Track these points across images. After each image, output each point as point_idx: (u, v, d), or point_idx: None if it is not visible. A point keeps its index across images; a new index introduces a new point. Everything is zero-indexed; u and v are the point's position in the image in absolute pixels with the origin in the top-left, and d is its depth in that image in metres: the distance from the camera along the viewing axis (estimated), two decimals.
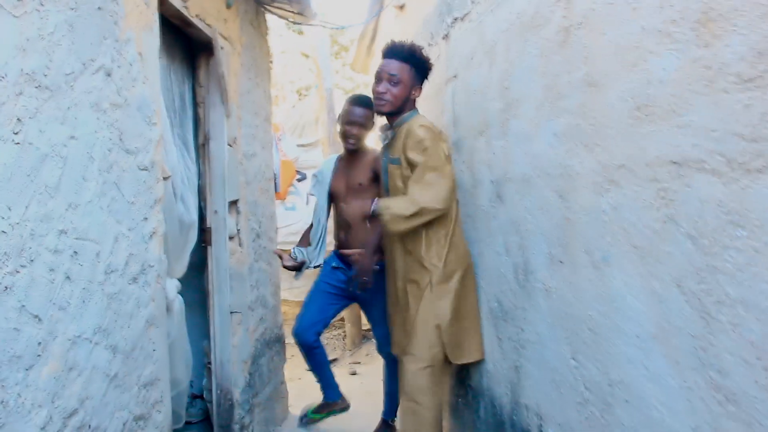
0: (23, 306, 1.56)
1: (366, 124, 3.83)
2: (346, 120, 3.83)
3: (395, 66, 3.15)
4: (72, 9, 1.85)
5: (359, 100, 3.85)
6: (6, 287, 1.50)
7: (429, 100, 4.33)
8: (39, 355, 1.62)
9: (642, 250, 1.83)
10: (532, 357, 2.63)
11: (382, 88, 3.16)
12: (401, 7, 5.10)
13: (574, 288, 2.23)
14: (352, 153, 3.92)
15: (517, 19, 2.66)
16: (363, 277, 3.39)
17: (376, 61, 7.69)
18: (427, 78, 3.32)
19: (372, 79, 3.34)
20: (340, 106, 8.61)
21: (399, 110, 3.22)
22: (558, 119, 2.30)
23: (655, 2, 1.71)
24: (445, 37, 3.78)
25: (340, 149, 4.54)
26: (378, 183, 3.68)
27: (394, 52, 3.19)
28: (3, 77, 1.53)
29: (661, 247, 1.72)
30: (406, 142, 3.08)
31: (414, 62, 3.19)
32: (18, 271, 1.55)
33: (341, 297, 3.94)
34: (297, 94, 9.34)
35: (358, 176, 3.86)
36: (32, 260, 1.61)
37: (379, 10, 5.46)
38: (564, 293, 2.31)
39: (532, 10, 2.48)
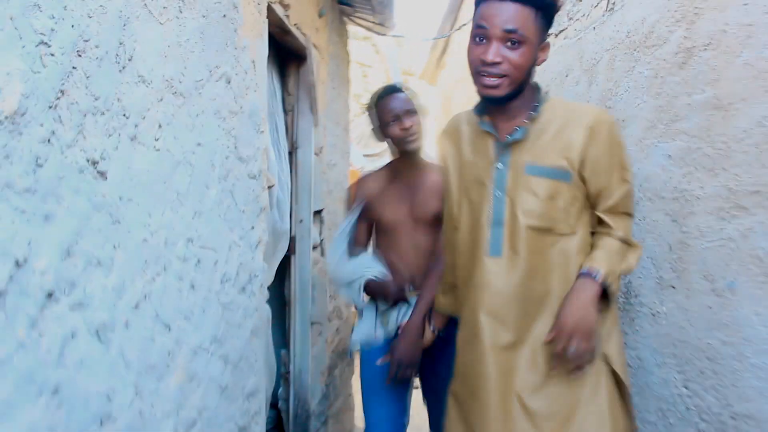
0: (158, 315, 1.56)
1: (419, 112, 2.68)
2: (393, 114, 2.61)
3: (513, 13, 1.73)
4: (204, 16, 1.86)
5: (393, 88, 2.71)
6: (145, 295, 1.50)
7: None
8: (168, 365, 1.61)
9: None
10: (633, 383, 2.55)
11: (493, 55, 1.73)
12: None
13: (688, 314, 2.15)
14: (409, 160, 2.72)
15: (627, 37, 2.59)
16: (405, 368, 2.51)
17: (448, 72, 7.65)
18: (551, 25, 1.88)
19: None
20: None
21: (520, 89, 1.82)
22: (673, 141, 2.23)
23: None
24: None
25: None
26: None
27: None
28: (150, 83, 1.53)
29: None
30: (588, 150, 1.82)
31: (543, 5, 1.78)
32: (154, 280, 1.55)
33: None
34: (358, 104, 9.36)
35: (429, 202, 2.68)
36: (165, 268, 1.61)
37: (461, 24, 5.43)
38: (675, 319, 2.23)
39: (646, 29, 2.42)
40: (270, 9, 2.64)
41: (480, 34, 1.77)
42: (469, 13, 5.67)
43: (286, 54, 3.39)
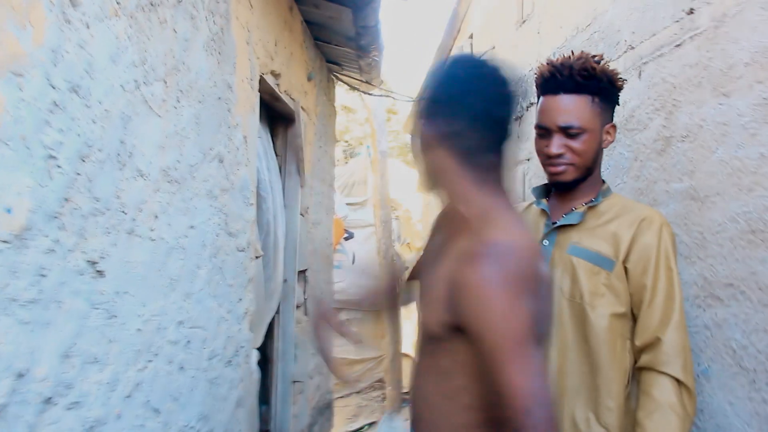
0: (148, 401, 1.58)
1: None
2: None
3: (567, 106, 1.76)
4: (200, 102, 1.92)
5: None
6: (137, 384, 1.53)
7: None
8: None
9: (749, 372, 1.81)
10: None
11: (556, 147, 1.77)
12: None
13: None
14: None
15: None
16: None
17: None
18: (617, 104, 1.88)
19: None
20: (391, 168, 8.63)
21: (588, 174, 1.83)
22: None
23: None
24: (518, 118, 3.83)
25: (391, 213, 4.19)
26: None
27: (561, 83, 1.78)
28: (147, 176, 1.58)
29: None
30: (636, 241, 1.74)
31: (600, 90, 1.78)
32: (146, 367, 1.58)
33: None
34: (344, 150, 9.46)
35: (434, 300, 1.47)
36: (157, 354, 1.64)
37: None
38: None
39: (627, 113, 2.51)
40: (262, 80, 2.71)
41: (541, 133, 1.84)
42: None
43: (275, 117, 3.46)
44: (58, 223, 1.20)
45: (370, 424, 6.46)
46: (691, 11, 2.12)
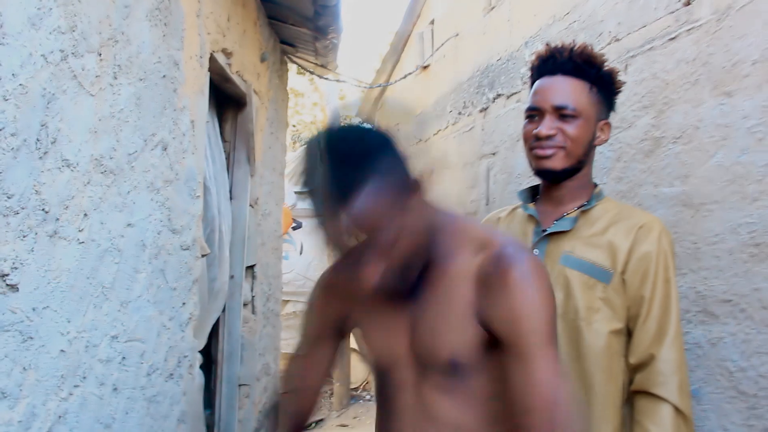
0: None
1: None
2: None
3: (564, 87, 1.62)
4: (141, 80, 1.66)
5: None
6: (60, 416, 1.28)
7: (454, 171, 4.18)
8: None
9: (749, 397, 1.67)
10: None
11: (546, 128, 1.60)
12: (425, 67, 4.98)
13: None
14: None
15: None
16: None
17: (385, 114, 7.53)
18: (614, 108, 1.70)
19: None
20: None
21: (578, 167, 1.64)
22: None
23: None
24: (484, 110, 3.64)
25: None
26: None
27: (559, 64, 1.65)
28: (75, 166, 1.32)
29: None
30: (634, 251, 1.58)
31: (599, 80, 1.64)
32: (72, 394, 1.33)
33: None
34: (292, 135, 9.17)
35: (440, 330, 1.24)
36: (85, 377, 1.39)
37: (403, 70, 5.34)
38: None
39: None
40: (212, 59, 2.45)
41: (533, 114, 1.65)
42: (412, 57, 5.60)
43: (224, 100, 3.19)
44: None
45: (318, 422, 6.24)
46: (688, 2, 1.95)
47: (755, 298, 1.65)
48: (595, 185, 1.71)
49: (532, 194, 1.77)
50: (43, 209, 1.20)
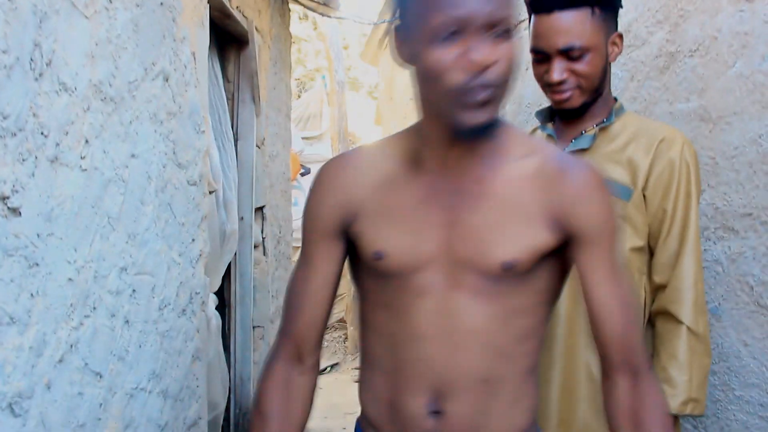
0: (86, 364, 1.32)
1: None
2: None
3: (566, 24, 1.52)
4: (138, 5, 1.60)
5: None
6: (71, 345, 1.26)
7: None
8: (99, 419, 1.38)
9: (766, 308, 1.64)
10: None
11: (558, 74, 1.54)
12: None
13: None
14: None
15: None
16: None
17: (390, 55, 7.37)
18: (621, 6, 1.65)
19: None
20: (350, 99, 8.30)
21: (597, 94, 1.60)
22: None
23: None
24: None
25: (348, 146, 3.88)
26: None
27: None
28: (73, 91, 1.28)
29: None
30: (654, 165, 1.54)
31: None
32: (82, 324, 1.31)
33: None
34: (297, 84, 9.06)
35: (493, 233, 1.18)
36: (95, 308, 1.37)
37: None
38: None
39: (622, 27, 2.26)
40: None
41: (539, 58, 1.59)
42: None
43: (226, 38, 3.12)
44: None
45: (333, 365, 6.31)
46: None
47: None
48: (615, 100, 1.66)
49: (551, 113, 1.73)
50: (41, 133, 1.16)
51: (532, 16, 1.59)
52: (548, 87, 1.59)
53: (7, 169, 1.05)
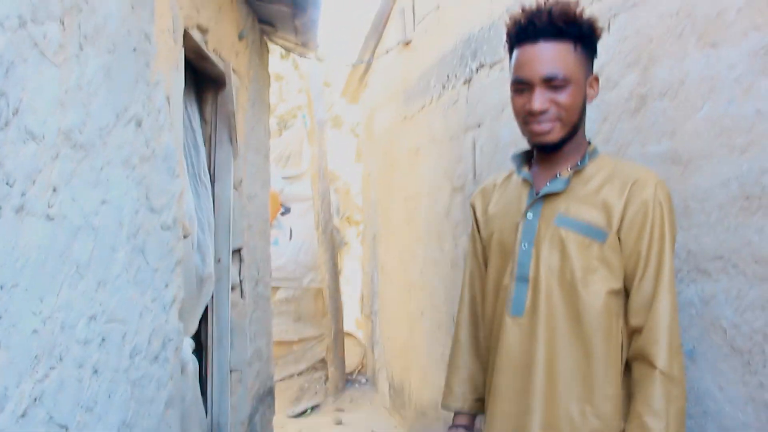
0: (51, 417, 1.29)
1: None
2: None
3: (549, 54, 1.55)
4: (109, 52, 1.60)
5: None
6: (35, 399, 1.23)
7: (440, 145, 4.14)
8: None
9: (744, 353, 1.64)
10: None
11: (539, 103, 1.55)
12: (407, 43, 4.92)
13: None
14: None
15: None
16: None
17: (370, 92, 7.44)
18: (596, 54, 1.69)
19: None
20: (332, 136, 8.32)
21: (573, 131, 1.62)
22: None
23: None
24: (467, 82, 3.59)
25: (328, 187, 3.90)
26: None
27: (540, 29, 1.56)
28: (41, 139, 1.27)
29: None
30: (628, 207, 1.55)
31: (581, 36, 1.59)
32: (47, 376, 1.28)
33: None
34: (277, 122, 9.09)
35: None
36: (61, 358, 1.34)
37: (385, 47, 5.27)
38: None
39: (595, 70, 2.30)
40: (186, 35, 2.39)
41: (520, 89, 1.60)
42: (394, 33, 5.53)
43: (203, 79, 3.13)
44: None
45: (314, 407, 6.23)
46: None
47: (747, 252, 1.61)
48: (589, 143, 1.68)
49: (527, 157, 1.74)
50: (7, 183, 1.15)
51: (515, 49, 1.62)
52: (528, 119, 1.59)
53: None
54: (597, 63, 2.22)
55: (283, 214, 6.64)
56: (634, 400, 1.50)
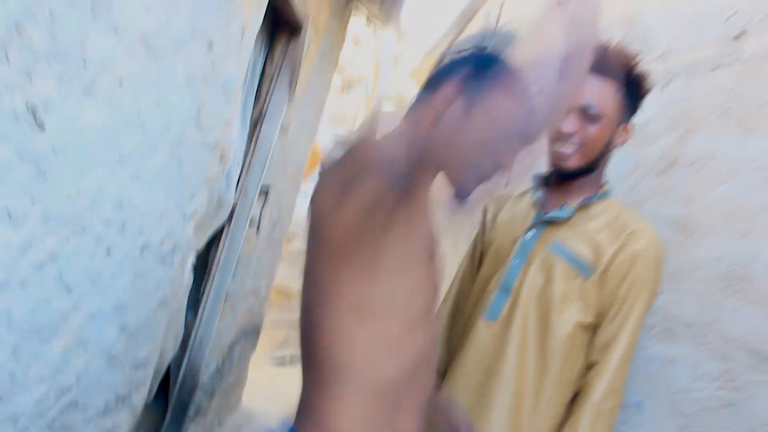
0: (61, 276, 1.45)
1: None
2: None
3: (597, 86, 1.65)
4: None
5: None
6: (53, 255, 1.39)
7: None
8: (58, 328, 1.50)
9: (685, 416, 1.74)
10: None
11: (569, 125, 1.65)
12: None
13: None
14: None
15: None
16: None
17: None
18: (636, 110, 1.75)
19: None
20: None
21: (591, 167, 1.72)
22: None
23: None
24: None
25: None
26: None
27: (595, 62, 1.49)
28: (122, 35, 1.42)
29: None
30: (617, 256, 1.64)
31: (628, 82, 1.68)
32: (67, 240, 1.44)
33: None
34: (342, 82, 9.22)
35: None
36: (84, 229, 1.50)
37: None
38: None
39: (640, 122, 2.39)
40: None
41: None
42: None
43: (280, 23, 3.26)
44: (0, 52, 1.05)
45: (295, 357, 6.41)
46: (738, 36, 1.98)
47: (716, 327, 1.72)
48: (604, 184, 1.77)
49: (546, 182, 1.84)
50: (83, 64, 1.30)
51: None
52: (556, 137, 1.69)
53: (44, 84, 1.18)
54: (644, 117, 2.31)
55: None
56: (565, 425, 1.61)
